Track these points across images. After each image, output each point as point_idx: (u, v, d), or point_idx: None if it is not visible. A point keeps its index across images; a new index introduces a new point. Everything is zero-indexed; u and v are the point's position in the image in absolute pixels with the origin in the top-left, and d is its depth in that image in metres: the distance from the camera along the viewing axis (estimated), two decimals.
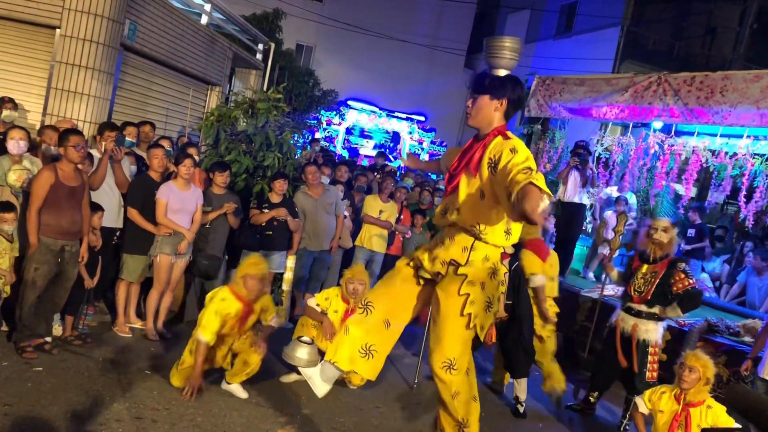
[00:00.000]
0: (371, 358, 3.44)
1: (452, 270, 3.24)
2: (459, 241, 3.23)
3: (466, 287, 3.21)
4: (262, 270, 4.92)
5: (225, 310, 4.84)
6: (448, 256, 3.24)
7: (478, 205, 3.14)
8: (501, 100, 3.22)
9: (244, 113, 7.44)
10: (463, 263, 3.21)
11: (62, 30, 6.96)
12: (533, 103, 8.66)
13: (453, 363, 3.27)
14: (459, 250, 3.21)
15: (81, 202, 5.12)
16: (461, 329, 3.25)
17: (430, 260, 3.31)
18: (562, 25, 21.68)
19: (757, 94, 6.23)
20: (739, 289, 8.13)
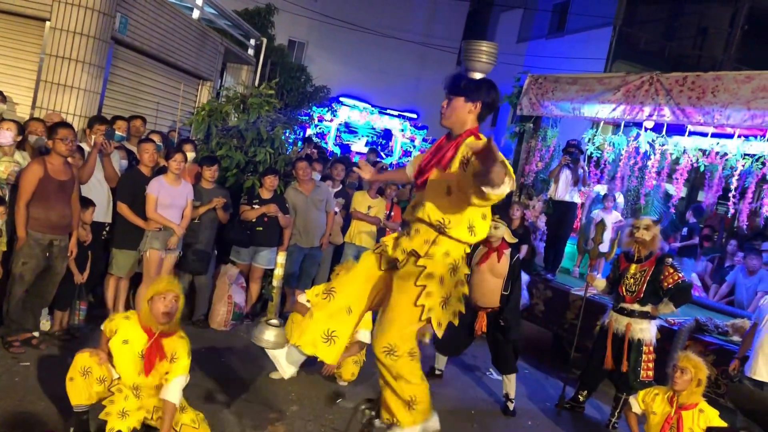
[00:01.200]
0: (333, 344, 3.49)
1: (412, 260, 3.28)
2: (423, 233, 3.27)
3: (423, 279, 3.23)
4: (173, 288, 3.84)
5: (127, 331, 3.85)
6: (410, 246, 3.28)
7: (444, 201, 3.19)
8: (475, 102, 3.27)
9: (236, 108, 7.42)
10: (422, 254, 3.24)
11: (52, 22, 6.90)
12: (525, 101, 8.66)
13: (393, 348, 3.29)
14: (421, 241, 3.26)
15: (70, 196, 5.08)
16: (411, 319, 3.27)
17: (393, 247, 3.37)
18: (555, 25, 21.71)
19: (748, 95, 6.26)
20: (728, 289, 8.16)
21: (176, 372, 3.80)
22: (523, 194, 8.92)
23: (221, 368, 5.53)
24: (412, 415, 3.47)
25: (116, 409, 3.80)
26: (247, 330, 6.66)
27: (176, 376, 3.80)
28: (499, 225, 5.74)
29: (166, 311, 3.75)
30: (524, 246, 7.74)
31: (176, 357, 3.83)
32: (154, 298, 3.77)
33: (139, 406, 3.84)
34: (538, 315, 7.60)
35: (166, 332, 3.83)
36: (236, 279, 6.72)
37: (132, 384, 3.83)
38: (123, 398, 3.83)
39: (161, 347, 3.81)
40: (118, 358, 3.82)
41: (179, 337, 3.92)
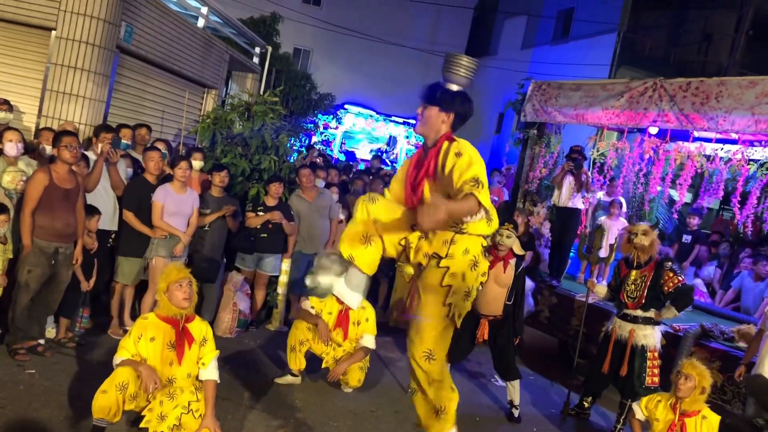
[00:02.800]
0: (370, 246, 3.48)
1: (434, 263, 3.40)
2: (440, 235, 3.41)
3: (448, 279, 3.39)
4: (186, 274, 4.02)
5: (149, 331, 3.97)
6: (430, 249, 3.42)
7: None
8: (449, 113, 3.44)
9: (241, 116, 7.45)
10: (443, 256, 3.38)
11: (58, 32, 6.95)
12: (529, 108, 8.65)
13: (432, 353, 3.45)
14: (440, 243, 3.40)
15: (75, 205, 5.11)
16: (442, 318, 3.44)
17: (415, 252, 3.48)
18: (559, 31, 21.71)
19: (752, 100, 6.24)
20: (734, 295, 8.13)
21: (210, 354, 4.05)
22: (527, 201, 8.91)
23: (226, 375, 5.52)
24: (440, 422, 3.62)
25: (154, 415, 3.87)
26: (252, 337, 6.68)
27: (211, 358, 4.06)
28: (512, 235, 5.73)
29: (186, 297, 3.96)
30: (529, 253, 7.73)
31: (206, 339, 4.07)
32: (170, 288, 3.95)
33: (174, 405, 3.90)
34: (543, 321, 7.58)
35: (188, 317, 4.04)
36: (241, 286, 6.73)
37: (167, 377, 3.94)
38: (158, 404, 3.89)
39: (188, 333, 4.01)
40: (150, 358, 3.93)
41: (200, 321, 4.15)
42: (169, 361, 3.95)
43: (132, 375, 3.86)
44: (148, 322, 4.02)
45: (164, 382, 3.94)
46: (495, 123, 23.11)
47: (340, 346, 5.58)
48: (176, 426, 3.85)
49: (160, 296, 4.01)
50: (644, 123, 7.32)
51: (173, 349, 3.96)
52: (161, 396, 3.91)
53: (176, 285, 3.95)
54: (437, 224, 3.02)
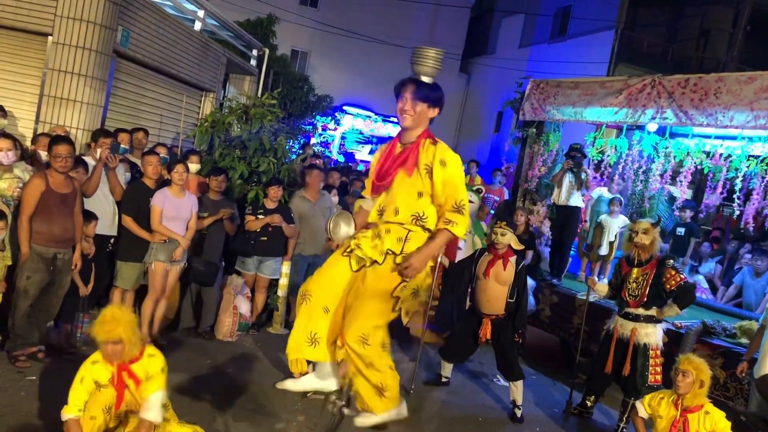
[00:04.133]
0: (317, 345, 3.73)
1: (390, 258, 3.57)
2: (394, 232, 3.58)
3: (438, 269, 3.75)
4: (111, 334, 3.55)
5: (94, 375, 3.67)
6: (384, 246, 3.57)
7: (415, 202, 3.57)
8: (436, 108, 3.68)
9: (238, 119, 7.44)
10: (398, 252, 3.55)
11: (54, 37, 6.94)
12: (527, 106, 8.64)
13: (367, 338, 3.53)
14: (394, 240, 3.57)
15: (73, 210, 5.09)
16: (385, 310, 3.58)
17: (372, 248, 3.60)
18: (557, 29, 21.72)
19: (751, 96, 6.22)
20: (736, 291, 8.12)
21: (150, 389, 3.68)
22: (526, 200, 8.90)
23: (227, 379, 5.52)
24: (383, 402, 3.73)
25: None
26: (253, 340, 6.66)
27: (152, 393, 3.68)
28: (506, 232, 5.73)
29: (109, 355, 3.60)
30: (530, 251, 7.72)
31: (150, 375, 3.70)
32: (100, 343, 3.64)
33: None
34: (544, 320, 7.56)
35: (130, 359, 3.68)
36: (241, 289, 6.72)
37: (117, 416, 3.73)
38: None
39: (132, 373, 3.68)
40: (95, 404, 3.66)
41: (148, 356, 3.77)
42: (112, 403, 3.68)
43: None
44: (95, 366, 3.69)
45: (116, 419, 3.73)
46: (494, 122, 23.12)
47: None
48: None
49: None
50: (643, 120, 7.31)
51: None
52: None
53: (102, 345, 3.61)
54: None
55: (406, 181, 3.55)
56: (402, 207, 3.56)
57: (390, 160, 3.64)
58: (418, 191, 3.54)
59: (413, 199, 3.55)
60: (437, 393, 6.04)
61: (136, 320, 3.79)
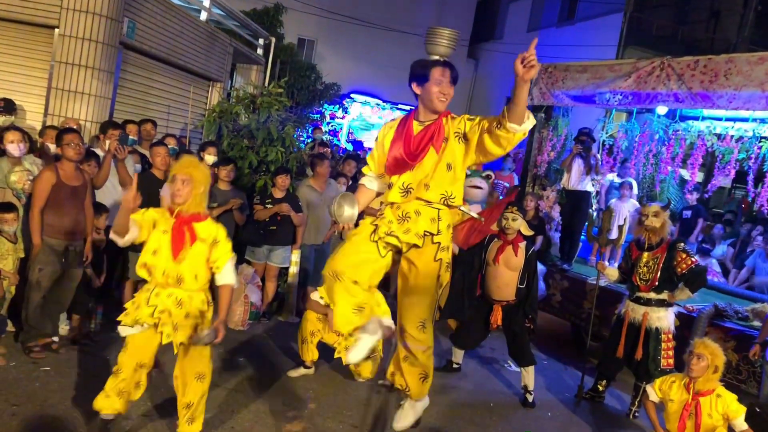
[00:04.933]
0: (364, 311, 3.60)
1: (429, 240, 3.51)
2: (426, 213, 3.51)
3: (440, 253, 3.53)
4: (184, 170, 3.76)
5: (155, 215, 3.80)
6: (421, 228, 3.49)
7: (445, 177, 3.49)
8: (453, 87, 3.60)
9: (246, 109, 7.43)
10: (435, 233, 3.50)
11: (61, 29, 6.94)
12: (536, 91, 8.57)
13: (425, 322, 3.60)
14: (428, 221, 3.50)
15: (84, 202, 5.12)
16: (434, 290, 3.60)
17: (404, 232, 3.50)
18: (565, 12, 21.49)
19: (762, 77, 6.15)
20: (748, 274, 8.07)
21: (223, 257, 3.84)
22: (536, 185, 8.86)
23: (239, 367, 5.55)
24: (421, 388, 3.79)
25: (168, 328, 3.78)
26: (264, 329, 6.70)
27: (225, 261, 3.85)
28: (517, 217, 5.72)
29: (174, 192, 3.73)
30: (539, 237, 7.70)
31: (218, 240, 3.83)
32: (170, 181, 3.80)
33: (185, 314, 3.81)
34: (555, 305, 7.56)
35: (192, 216, 3.78)
36: (252, 278, 6.74)
37: (174, 275, 3.76)
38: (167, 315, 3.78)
39: (192, 230, 3.78)
40: (159, 249, 3.75)
41: (211, 222, 3.91)
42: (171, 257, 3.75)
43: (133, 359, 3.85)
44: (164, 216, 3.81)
45: (173, 279, 3.78)
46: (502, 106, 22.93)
47: (351, 336, 5.56)
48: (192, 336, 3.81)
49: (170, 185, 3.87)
50: (653, 103, 7.24)
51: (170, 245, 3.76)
52: (170, 303, 3.77)
53: (172, 179, 3.77)
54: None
55: (434, 157, 3.48)
56: (433, 183, 3.49)
57: (416, 139, 3.54)
58: (447, 163, 3.47)
59: (443, 174, 3.48)
60: (448, 379, 6.06)
61: (209, 180, 3.95)
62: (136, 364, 3.88)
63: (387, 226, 3.55)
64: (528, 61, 3.04)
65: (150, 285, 3.84)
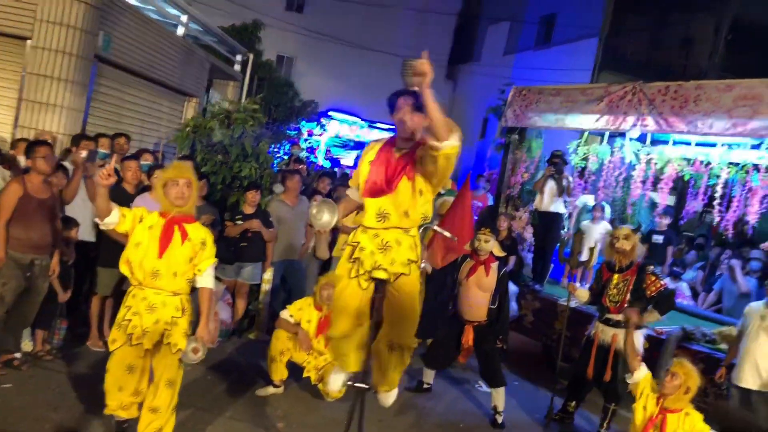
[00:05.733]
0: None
1: (414, 267, 3.66)
2: (405, 240, 3.64)
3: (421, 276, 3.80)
4: (183, 173, 3.93)
5: (148, 220, 3.91)
6: (404, 257, 3.63)
7: (419, 201, 3.59)
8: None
9: (221, 124, 7.39)
10: (416, 259, 3.66)
11: (34, 41, 6.87)
12: (510, 113, 8.67)
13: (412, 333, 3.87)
14: (408, 248, 3.64)
15: (51, 215, 5.03)
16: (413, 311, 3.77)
17: (390, 264, 3.62)
18: (542, 36, 21.82)
19: (730, 104, 6.27)
20: (716, 297, 8.17)
21: (207, 261, 3.99)
22: (509, 205, 8.92)
23: (207, 386, 5.47)
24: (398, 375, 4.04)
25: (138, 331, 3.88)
26: (234, 347, 6.62)
27: (208, 265, 4.00)
28: (489, 238, 5.75)
29: (179, 195, 3.87)
30: (512, 257, 7.74)
31: (205, 243, 3.98)
32: (168, 184, 3.88)
33: (155, 320, 3.87)
34: (527, 326, 7.57)
35: (185, 217, 3.95)
36: (222, 295, 6.67)
37: (151, 269, 3.84)
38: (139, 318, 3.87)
39: (183, 229, 3.91)
40: (142, 242, 3.85)
41: (200, 226, 4.09)
42: (155, 253, 3.86)
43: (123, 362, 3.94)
44: (151, 213, 3.96)
45: (149, 274, 3.86)
46: (479, 128, 23.15)
47: (322, 355, 5.53)
48: (160, 342, 3.90)
49: (158, 191, 3.98)
50: (624, 127, 7.35)
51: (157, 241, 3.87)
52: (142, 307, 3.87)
53: (173, 183, 3.88)
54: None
55: (407, 185, 3.58)
56: (411, 209, 3.59)
57: (392, 166, 3.63)
58: (419, 189, 3.57)
59: (417, 200, 3.59)
60: (419, 399, 6.03)
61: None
62: (125, 366, 3.96)
63: (371, 258, 3.63)
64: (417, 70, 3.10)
65: (130, 288, 3.96)
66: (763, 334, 5.12)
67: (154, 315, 3.86)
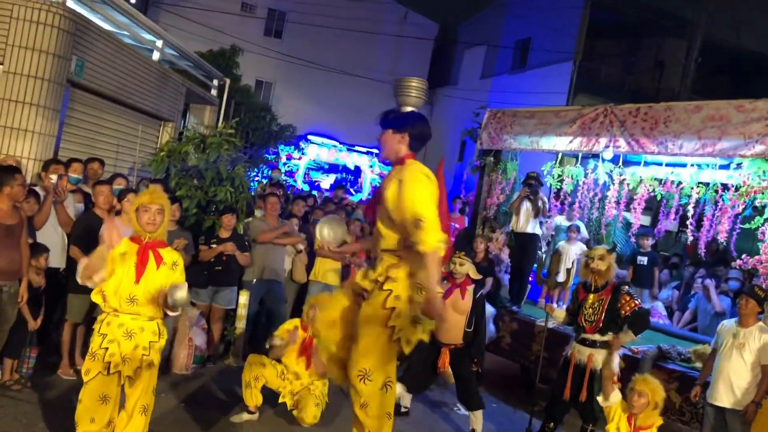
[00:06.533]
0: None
1: (378, 286, 3.45)
2: (386, 260, 3.49)
3: (392, 301, 3.40)
4: (155, 199, 3.95)
5: (121, 247, 3.97)
6: (375, 274, 3.49)
7: (395, 227, 3.44)
8: (402, 133, 3.53)
9: (196, 148, 7.38)
10: (382, 280, 3.45)
11: (5, 66, 6.81)
12: (485, 135, 8.74)
13: (368, 373, 3.44)
14: (385, 267, 3.47)
15: (19, 241, 4.95)
16: (383, 341, 3.43)
17: (363, 278, 3.58)
18: (517, 60, 22.14)
19: (698, 125, 6.39)
20: (691, 316, 8.24)
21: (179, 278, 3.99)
22: (485, 227, 8.95)
23: (182, 413, 5.38)
24: None
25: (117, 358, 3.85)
26: (209, 373, 6.53)
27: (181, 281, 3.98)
28: (465, 262, 5.76)
29: (149, 221, 3.90)
30: (489, 279, 7.75)
31: (177, 265, 4.02)
32: (139, 210, 3.92)
33: (134, 346, 3.85)
34: (504, 348, 7.56)
35: (158, 242, 3.99)
36: (197, 321, 6.60)
37: (128, 295, 3.84)
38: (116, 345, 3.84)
39: (158, 254, 3.96)
40: (117, 270, 3.87)
41: (172, 250, 4.14)
42: (131, 278, 3.88)
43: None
44: (124, 240, 4.04)
45: (125, 300, 3.86)
46: (457, 151, 23.33)
47: (298, 379, 5.47)
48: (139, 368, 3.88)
49: (131, 216, 4.00)
50: (597, 149, 7.44)
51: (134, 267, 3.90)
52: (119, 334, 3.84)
53: (144, 208, 3.91)
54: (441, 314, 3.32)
55: (381, 210, 3.51)
56: (386, 235, 3.50)
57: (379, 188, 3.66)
58: (389, 220, 3.46)
59: (391, 226, 3.47)
60: (397, 423, 5.90)
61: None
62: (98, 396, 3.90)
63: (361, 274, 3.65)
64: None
65: (102, 316, 3.93)
66: (735, 352, 5.16)
67: (132, 341, 3.85)
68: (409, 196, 3.32)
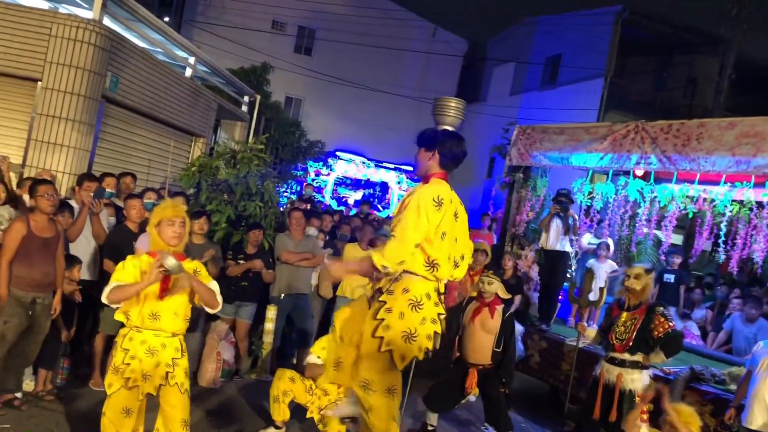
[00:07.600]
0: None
1: (377, 296, 3.52)
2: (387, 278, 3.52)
3: (382, 313, 3.44)
4: (179, 213, 3.91)
5: (136, 263, 3.88)
6: (377, 285, 3.55)
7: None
8: (432, 151, 3.56)
9: (226, 163, 7.46)
10: (384, 291, 3.49)
11: (44, 83, 7.00)
12: (514, 152, 8.71)
13: (369, 384, 3.50)
14: (387, 280, 3.50)
15: (54, 254, 5.04)
16: (374, 352, 3.46)
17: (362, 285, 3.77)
18: (547, 77, 22.04)
19: (732, 141, 6.29)
20: (726, 337, 8.04)
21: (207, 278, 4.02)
22: (514, 244, 8.89)
23: (209, 427, 5.40)
24: None
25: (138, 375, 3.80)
26: (236, 387, 6.55)
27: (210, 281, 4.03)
28: (493, 281, 5.70)
29: (175, 235, 3.85)
30: (517, 297, 7.68)
31: (198, 270, 3.99)
32: (162, 224, 3.85)
33: (156, 363, 3.81)
34: (533, 367, 7.47)
35: (179, 255, 3.87)
36: (225, 335, 6.63)
37: (152, 311, 3.80)
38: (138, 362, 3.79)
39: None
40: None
41: (190, 260, 4.08)
42: (155, 294, 3.82)
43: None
44: (140, 259, 3.91)
45: (147, 317, 3.81)
46: (486, 167, 23.27)
47: (326, 395, 5.45)
48: (162, 385, 3.84)
49: (151, 230, 3.92)
50: (627, 165, 7.36)
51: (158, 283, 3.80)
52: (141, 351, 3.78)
53: (168, 222, 3.85)
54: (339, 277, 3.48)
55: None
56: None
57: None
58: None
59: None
60: None
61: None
62: (121, 409, 3.85)
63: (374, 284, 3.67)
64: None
65: (124, 330, 3.87)
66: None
67: (154, 358, 3.80)
68: (405, 214, 3.40)
